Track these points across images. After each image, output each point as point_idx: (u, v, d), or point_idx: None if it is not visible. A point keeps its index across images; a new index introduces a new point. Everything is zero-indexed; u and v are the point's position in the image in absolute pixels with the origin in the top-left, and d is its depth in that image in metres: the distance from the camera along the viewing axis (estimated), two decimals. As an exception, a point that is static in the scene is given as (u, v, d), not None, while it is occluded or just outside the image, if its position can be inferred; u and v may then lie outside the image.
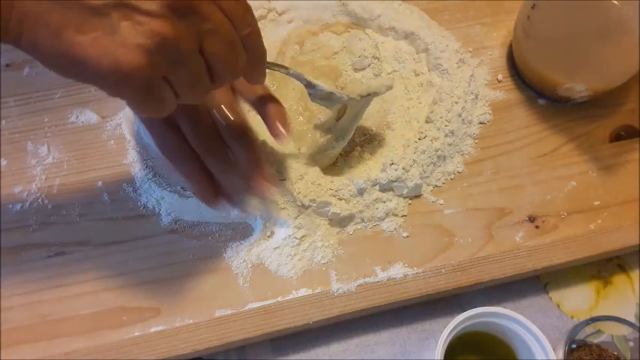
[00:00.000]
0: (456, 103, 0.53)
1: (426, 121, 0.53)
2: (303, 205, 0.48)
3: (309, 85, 0.45)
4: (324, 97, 0.46)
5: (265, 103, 0.45)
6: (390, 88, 0.48)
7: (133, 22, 0.29)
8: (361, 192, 0.50)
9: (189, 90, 0.34)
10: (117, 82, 0.30)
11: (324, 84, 0.45)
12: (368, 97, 0.48)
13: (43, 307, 0.47)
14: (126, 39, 0.29)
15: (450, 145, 0.53)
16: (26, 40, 0.29)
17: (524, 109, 0.57)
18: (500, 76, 0.58)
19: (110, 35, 0.29)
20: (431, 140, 0.51)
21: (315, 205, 0.48)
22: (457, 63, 0.55)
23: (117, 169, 0.52)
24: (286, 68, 0.44)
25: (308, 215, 0.49)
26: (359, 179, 0.49)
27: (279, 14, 0.60)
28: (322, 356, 0.49)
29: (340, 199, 0.49)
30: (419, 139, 0.52)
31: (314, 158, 0.51)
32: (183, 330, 0.46)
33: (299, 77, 0.45)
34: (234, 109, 0.44)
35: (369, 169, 0.51)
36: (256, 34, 0.36)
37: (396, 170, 0.50)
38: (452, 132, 0.52)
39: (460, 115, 0.53)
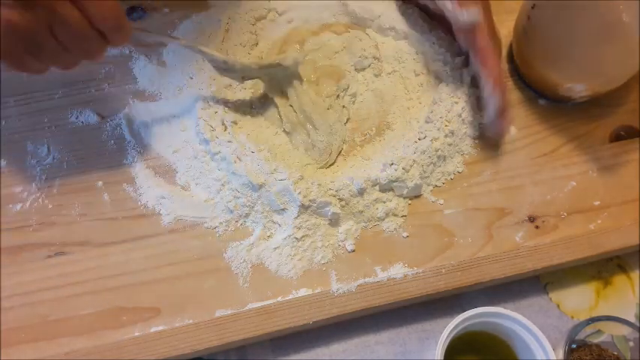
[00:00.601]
0: (456, 103, 0.53)
1: (426, 121, 0.53)
2: (303, 205, 0.48)
3: (207, 58, 0.50)
4: (226, 69, 0.50)
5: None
6: (296, 60, 0.52)
7: None
8: (361, 192, 0.50)
9: (54, 63, 0.41)
10: None
11: (216, 53, 0.49)
12: (272, 68, 0.52)
13: (43, 307, 0.47)
14: None
15: (450, 145, 0.52)
16: None
17: (524, 109, 0.57)
18: None
19: None
20: (431, 140, 0.51)
21: (315, 205, 0.48)
22: (457, 63, 0.55)
23: (117, 169, 0.52)
24: (177, 39, 0.50)
25: (308, 215, 0.49)
26: (359, 179, 0.49)
27: (279, 14, 0.60)
28: (322, 356, 0.49)
29: (340, 199, 0.49)
30: (419, 139, 0.52)
31: (313, 157, 0.52)
32: (183, 330, 0.46)
33: (192, 48, 0.49)
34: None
35: (369, 169, 0.51)
36: (115, 27, 0.41)
37: (395, 170, 0.50)
38: (452, 132, 0.52)
39: (460, 116, 0.53)
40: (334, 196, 0.49)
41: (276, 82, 0.54)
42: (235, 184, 0.49)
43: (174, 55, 0.56)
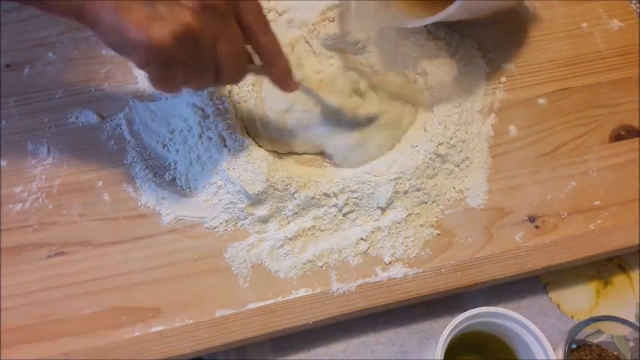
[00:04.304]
0: (458, 104, 0.53)
1: (427, 123, 0.53)
2: (303, 206, 0.48)
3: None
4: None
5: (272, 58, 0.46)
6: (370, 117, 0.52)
7: (171, 11, 0.37)
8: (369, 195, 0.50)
9: (196, 80, 0.41)
10: (146, 55, 0.37)
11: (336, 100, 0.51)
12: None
13: (43, 307, 0.47)
14: (162, 24, 0.36)
15: (451, 146, 0.52)
16: (88, 18, 0.37)
17: (524, 109, 0.57)
18: (503, 79, 0.58)
19: (151, 19, 0.36)
20: (430, 140, 0.51)
21: (315, 205, 0.48)
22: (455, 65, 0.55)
23: (117, 169, 0.52)
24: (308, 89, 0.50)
25: (309, 216, 0.49)
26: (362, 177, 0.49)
27: (279, 14, 0.59)
28: (322, 356, 0.49)
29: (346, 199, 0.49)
30: (418, 142, 0.51)
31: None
32: (183, 330, 0.46)
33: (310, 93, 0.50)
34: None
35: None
36: (267, 46, 0.44)
37: (396, 179, 0.50)
38: (453, 133, 0.52)
39: (461, 116, 0.53)
40: (335, 196, 0.49)
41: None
42: (231, 189, 0.49)
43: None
